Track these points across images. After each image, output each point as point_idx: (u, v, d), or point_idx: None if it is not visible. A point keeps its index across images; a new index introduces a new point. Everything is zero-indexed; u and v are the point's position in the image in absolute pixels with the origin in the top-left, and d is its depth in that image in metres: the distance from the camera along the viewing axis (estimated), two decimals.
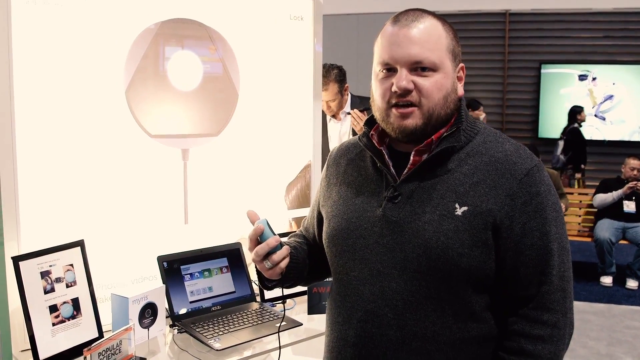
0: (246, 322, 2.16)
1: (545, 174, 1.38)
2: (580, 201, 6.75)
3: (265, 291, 2.40)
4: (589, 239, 6.47)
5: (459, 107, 1.44)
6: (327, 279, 2.26)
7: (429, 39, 1.35)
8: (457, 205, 1.34)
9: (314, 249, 1.67)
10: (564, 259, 1.36)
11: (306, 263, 1.63)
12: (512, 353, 1.35)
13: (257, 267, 1.48)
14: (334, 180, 1.57)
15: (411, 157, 1.40)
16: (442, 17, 1.41)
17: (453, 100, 1.40)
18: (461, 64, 1.43)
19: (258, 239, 1.44)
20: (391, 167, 1.43)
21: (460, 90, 1.43)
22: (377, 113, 1.44)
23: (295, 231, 2.62)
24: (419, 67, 1.35)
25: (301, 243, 1.68)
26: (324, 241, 1.55)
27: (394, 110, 1.37)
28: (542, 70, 8.36)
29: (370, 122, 1.49)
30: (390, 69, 1.38)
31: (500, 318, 1.39)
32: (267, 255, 1.43)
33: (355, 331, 1.42)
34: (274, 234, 1.45)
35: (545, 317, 1.34)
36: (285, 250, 1.46)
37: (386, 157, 1.44)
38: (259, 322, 2.17)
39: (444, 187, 1.37)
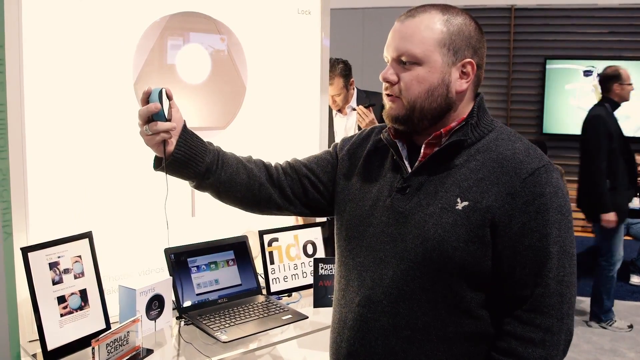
0: (252, 315, 2.17)
1: (554, 176, 1.36)
2: None
3: (271, 284, 2.41)
4: (592, 235, 6.47)
5: (475, 102, 1.45)
6: (332, 271, 2.27)
7: (415, 33, 1.37)
8: (458, 200, 1.35)
9: (299, 178, 1.65)
10: (564, 264, 1.34)
11: (240, 175, 1.58)
12: (502, 353, 1.35)
13: (140, 133, 1.48)
14: (355, 161, 1.60)
15: (422, 150, 1.43)
16: (455, 11, 1.41)
17: (441, 94, 1.40)
18: (467, 59, 1.40)
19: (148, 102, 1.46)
20: (404, 159, 1.46)
21: (461, 86, 1.41)
22: None
23: (300, 223, 2.62)
24: (403, 61, 1.39)
25: (251, 161, 1.64)
26: (335, 223, 1.58)
27: (386, 97, 1.44)
28: (547, 66, 8.31)
29: None
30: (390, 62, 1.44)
31: (497, 317, 1.39)
32: (150, 121, 1.44)
33: (353, 315, 1.47)
34: (161, 104, 1.45)
35: (539, 320, 1.33)
36: (168, 125, 1.46)
37: (399, 149, 1.47)
38: (265, 314, 2.18)
39: (449, 181, 1.38)
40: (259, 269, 2.43)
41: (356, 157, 1.60)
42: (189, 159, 1.51)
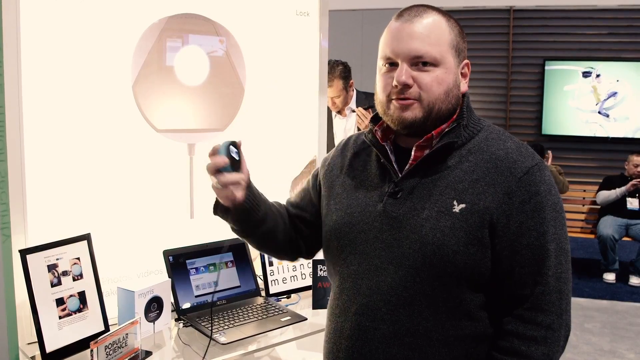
0: (251, 317, 2.17)
1: (546, 174, 1.37)
2: (584, 197, 6.75)
3: (270, 286, 2.41)
4: (592, 236, 6.48)
5: (462, 103, 1.44)
6: None
7: (430, 34, 1.36)
8: (455, 203, 1.34)
9: (290, 219, 1.65)
10: (561, 260, 1.35)
11: (279, 222, 1.59)
12: (505, 353, 1.35)
13: (212, 187, 1.46)
14: (337, 171, 1.58)
15: (412, 153, 1.41)
16: (448, 13, 1.41)
17: (455, 95, 1.41)
18: (466, 61, 1.43)
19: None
20: (393, 163, 1.44)
21: (464, 87, 1.43)
22: (379, 106, 1.45)
23: None
24: (420, 62, 1.36)
25: (280, 206, 1.66)
26: (324, 233, 1.55)
27: (394, 102, 1.39)
28: (546, 67, 8.32)
29: (376, 119, 1.50)
30: (392, 64, 1.39)
31: (496, 317, 1.38)
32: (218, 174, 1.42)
33: (350, 324, 1.44)
34: (230, 157, 1.43)
35: (540, 318, 1.33)
36: (236, 177, 1.43)
37: (389, 152, 1.45)
38: (264, 316, 2.18)
39: (443, 183, 1.37)
40: (258, 270, 2.43)
41: (337, 168, 1.58)
42: (251, 208, 1.50)
